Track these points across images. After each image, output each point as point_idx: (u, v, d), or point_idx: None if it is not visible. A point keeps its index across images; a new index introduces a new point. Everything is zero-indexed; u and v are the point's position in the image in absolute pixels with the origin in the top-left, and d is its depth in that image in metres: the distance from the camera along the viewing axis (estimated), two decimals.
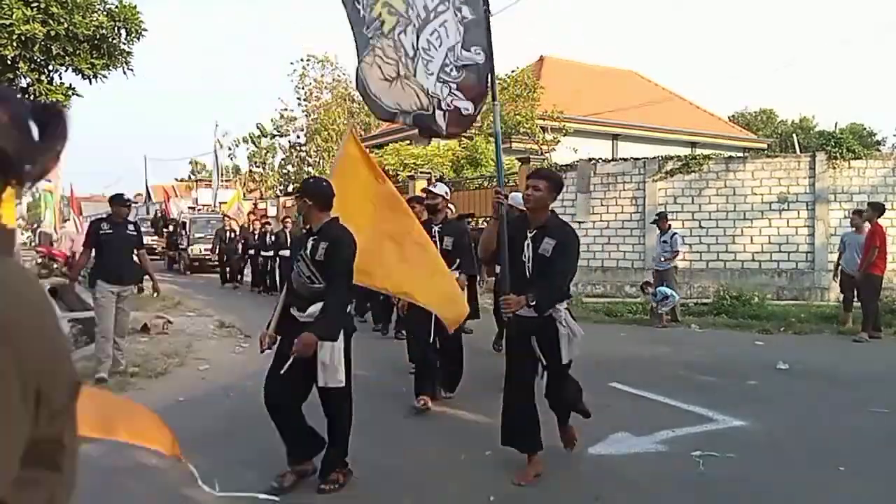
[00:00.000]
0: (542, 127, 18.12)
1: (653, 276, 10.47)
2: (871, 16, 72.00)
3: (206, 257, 18.93)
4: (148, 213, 34.60)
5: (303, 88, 32.08)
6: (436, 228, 5.59)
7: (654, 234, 11.14)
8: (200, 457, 3.44)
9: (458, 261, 5.62)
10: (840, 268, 9.17)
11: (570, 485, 3.84)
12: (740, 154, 18.89)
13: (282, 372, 3.52)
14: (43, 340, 0.83)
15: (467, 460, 3.84)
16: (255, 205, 26.83)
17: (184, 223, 21.03)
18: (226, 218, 18.33)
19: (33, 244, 20.99)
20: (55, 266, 19.37)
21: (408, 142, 19.97)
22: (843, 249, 9.18)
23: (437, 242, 5.34)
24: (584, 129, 20.61)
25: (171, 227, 23.06)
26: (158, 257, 24.00)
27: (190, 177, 41.88)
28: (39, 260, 19.18)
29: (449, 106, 3.94)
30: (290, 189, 32.06)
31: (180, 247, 21.04)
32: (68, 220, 19.15)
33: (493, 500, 3.59)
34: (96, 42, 8.53)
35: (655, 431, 4.69)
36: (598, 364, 6.86)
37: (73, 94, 8.93)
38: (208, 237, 18.89)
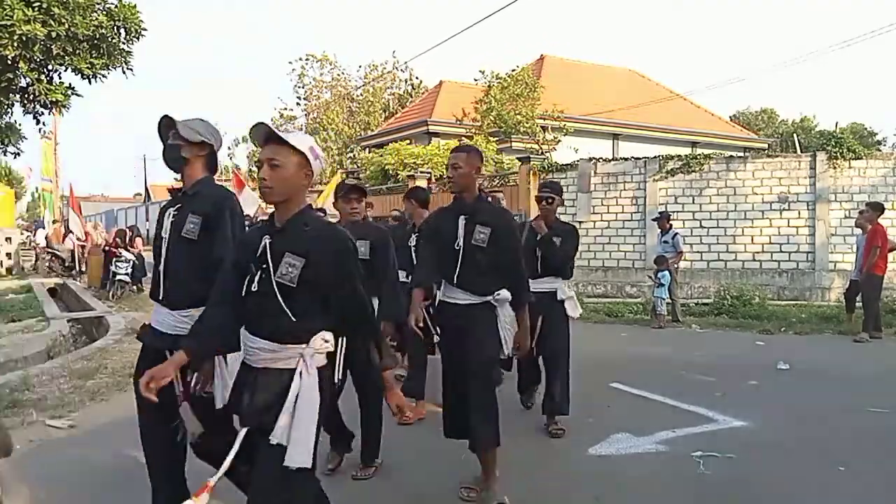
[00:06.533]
0: (542, 126, 18.10)
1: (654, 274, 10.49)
2: (871, 16, 72.00)
3: None
4: (148, 214, 34.32)
5: (302, 88, 32.13)
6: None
7: (655, 234, 11.13)
8: None
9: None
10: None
11: (570, 485, 3.83)
12: (741, 154, 18.87)
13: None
14: None
15: (467, 460, 3.83)
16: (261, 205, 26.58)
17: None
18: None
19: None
20: (56, 264, 19.31)
21: (408, 141, 19.96)
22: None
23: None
24: (585, 128, 20.60)
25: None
26: None
27: None
28: (46, 258, 19.04)
29: None
30: None
31: None
32: (68, 219, 19.07)
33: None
34: (96, 42, 8.53)
35: (655, 431, 4.69)
36: (599, 364, 6.87)
37: (73, 93, 8.92)
38: None
